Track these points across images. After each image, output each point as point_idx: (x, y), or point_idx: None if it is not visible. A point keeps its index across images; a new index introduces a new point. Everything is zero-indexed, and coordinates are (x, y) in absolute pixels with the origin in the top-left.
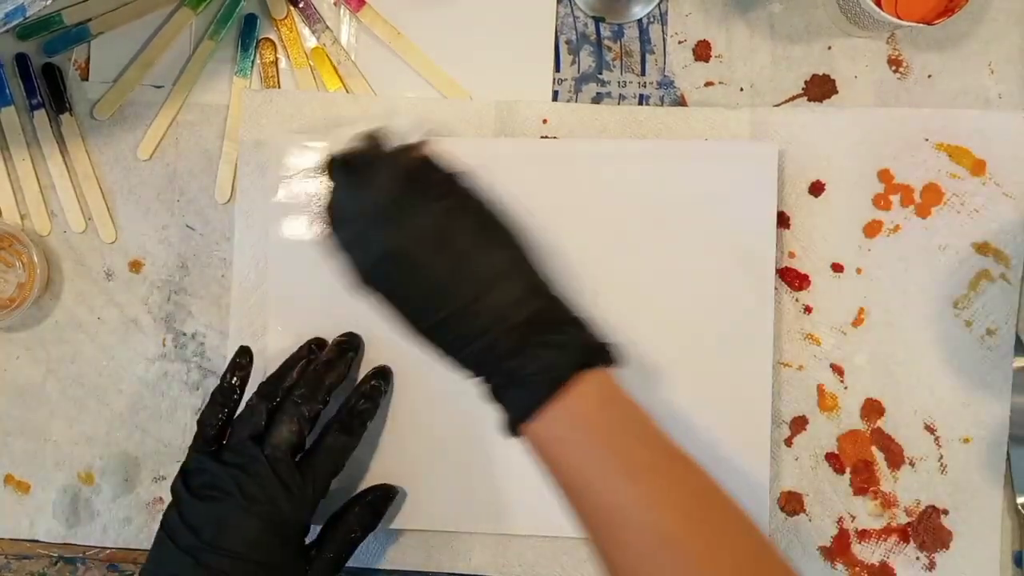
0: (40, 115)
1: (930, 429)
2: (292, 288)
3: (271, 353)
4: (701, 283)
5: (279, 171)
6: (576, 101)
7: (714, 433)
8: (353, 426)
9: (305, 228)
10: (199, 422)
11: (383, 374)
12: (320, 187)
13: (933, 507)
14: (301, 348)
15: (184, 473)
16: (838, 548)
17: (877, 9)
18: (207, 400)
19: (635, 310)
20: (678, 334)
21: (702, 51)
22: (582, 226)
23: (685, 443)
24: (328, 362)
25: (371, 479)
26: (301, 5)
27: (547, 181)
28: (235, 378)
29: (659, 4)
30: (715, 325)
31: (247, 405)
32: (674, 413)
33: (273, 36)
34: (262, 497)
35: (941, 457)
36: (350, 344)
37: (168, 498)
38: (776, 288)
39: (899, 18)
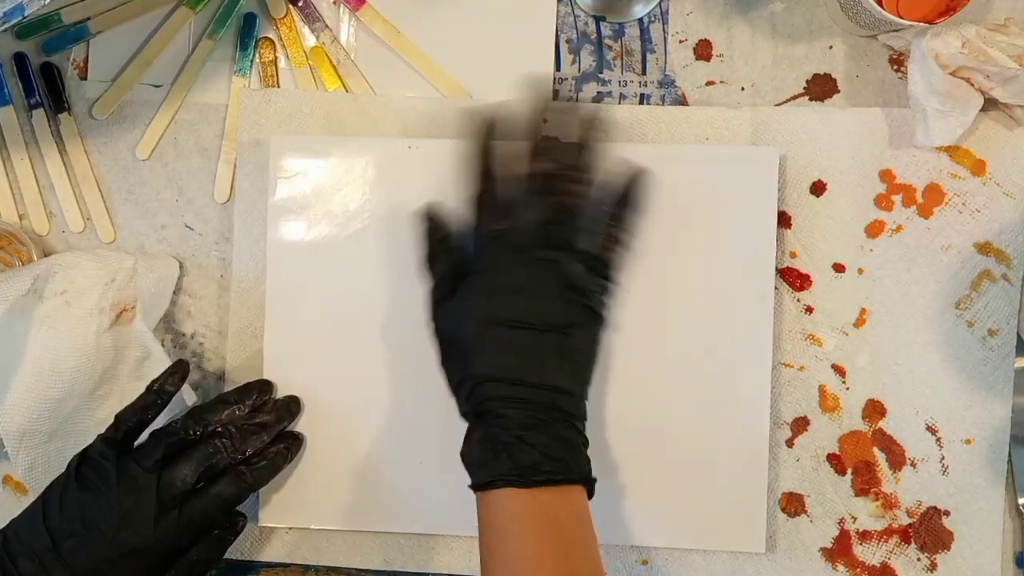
0: (39, 114)
1: (932, 430)
2: (292, 288)
3: (270, 353)
4: (701, 284)
5: (278, 171)
6: (577, 100)
7: (714, 433)
8: (248, 484)
9: (304, 228)
10: (117, 417)
11: (293, 439)
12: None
13: (934, 508)
14: (241, 390)
15: (83, 456)
16: (839, 549)
17: (878, 8)
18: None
19: (635, 310)
20: (678, 334)
21: (703, 50)
22: None
23: (685, 443)
24: (263, 424)
25: (371, 481)
26: (300, 4)
27: None
28: (169, 384)
29: (660, 3)
30: (715, 326)
31: (172, 424)
32: (674, 413)
33: (272, 35)
34: (133, 518)
35: (943, 458)
36: (288, 411)
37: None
38: (777, 288)
39: (900, 17)
